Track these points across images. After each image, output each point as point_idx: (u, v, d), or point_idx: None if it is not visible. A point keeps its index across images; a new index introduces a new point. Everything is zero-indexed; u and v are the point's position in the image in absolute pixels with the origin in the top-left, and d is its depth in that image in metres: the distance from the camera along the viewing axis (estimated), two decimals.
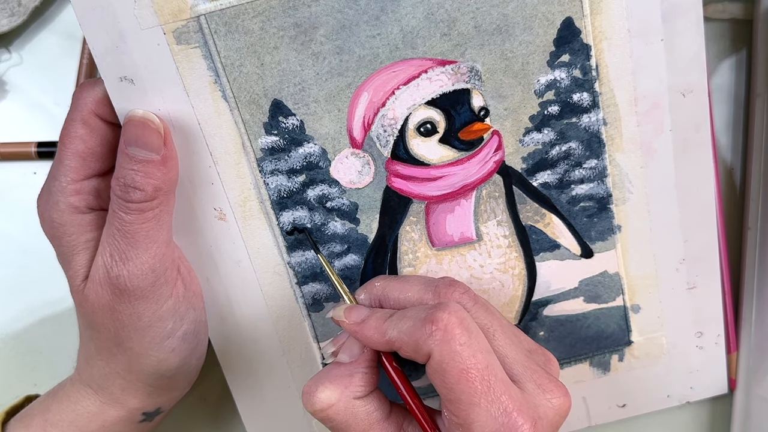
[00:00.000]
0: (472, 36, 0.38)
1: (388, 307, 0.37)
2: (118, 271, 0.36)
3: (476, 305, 0.36)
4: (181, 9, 0.36)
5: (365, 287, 0.39)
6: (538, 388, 0.35)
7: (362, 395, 0.36)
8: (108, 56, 0.36)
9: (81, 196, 0.38)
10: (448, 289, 0.36)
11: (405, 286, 0.37)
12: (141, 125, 0.36)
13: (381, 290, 0.38)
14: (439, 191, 0.41)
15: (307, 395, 0.36)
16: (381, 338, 0.35)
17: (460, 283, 0.37)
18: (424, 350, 0.33)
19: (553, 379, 0.35)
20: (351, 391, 0.35)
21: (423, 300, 0.36)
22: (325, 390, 0.35)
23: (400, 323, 0.35)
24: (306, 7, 0.36)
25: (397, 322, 0.35)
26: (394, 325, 0.35)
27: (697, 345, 0.46)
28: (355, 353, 0.37)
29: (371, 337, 0.36)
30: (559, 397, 0.35)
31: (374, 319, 0.36)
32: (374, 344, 0.36)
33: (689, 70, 0.40)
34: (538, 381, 0.35)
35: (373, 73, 0.38)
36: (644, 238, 0.43)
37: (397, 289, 0.38)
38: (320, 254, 0.40)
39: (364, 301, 0.38)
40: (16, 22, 0.48)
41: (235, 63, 0.37)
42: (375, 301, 0.38)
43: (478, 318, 0.36)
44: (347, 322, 0.37)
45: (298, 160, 0.39)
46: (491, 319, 0.36)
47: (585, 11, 0.38)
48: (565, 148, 0.41)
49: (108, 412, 0.40)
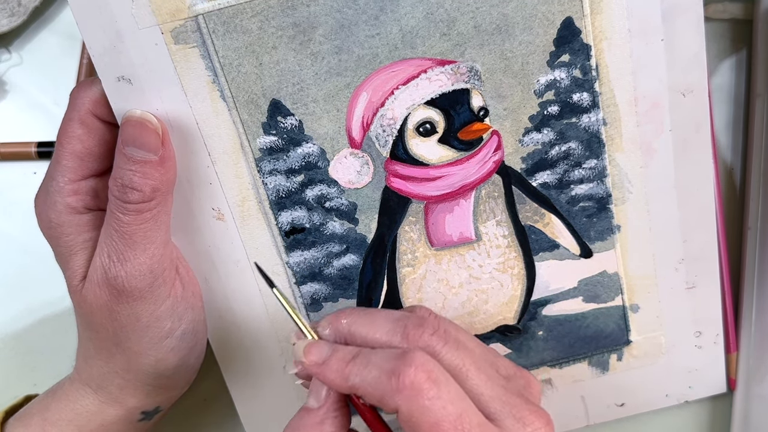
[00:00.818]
0: (472, 36, 0.38)
1: (354, 345, 0.35)
2: (115, 272, 0.36)
3: (446, 345, 0.34)
4: (179, 8, 0.36)
5: (330, 321, 0.36)
6: (518, 423, 0.33)
7: None
8: (105, 56, 0.36)
9: (78, 196, 0.38)
10: (417, 330, 0.34)
11: (373, 326, 0.35)
12: (139, 125, 0.36)
13: (347, 327, 0.35)
14: (438, 191, 0.41)
15: None
16: (344, 383, 0.33)
17: (429, 319, 0.35)
18: (391, 405, 0.32)
19: (533, 409, 0.34)
20: None
21: (391, 342, 0.34)
22: None
23: (365, 371, 0.33)
24: (305, 6, 0.36)
25: (361, 369, 0.33)
26: (357, 372, 0.33)
27: (696, 344, 0.46)
28: (321, 396, 0.35)
29: (333, 381, 0.33)
30: (540, 428, 0.33)
31: (335, 361, 0.34)
32: (337, 388, 0.34)
33: (689, 70, 0.40)
34: (518, 414, 0.33)
35: (372, 73, 0.38)
36: (643, 238, 0.43)
37: (364, 327, 0.35)
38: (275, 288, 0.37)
39: (329, 337, 0.35)
40: (16, 22, 0.48)
41: (233, 63, 0.37)
42: (340, 338, 0.35)
43: (449, 360, 0.34)
44: (306, 362, 0.34)
45: (297, 160, 0.39)
46: (464, 356, 0.34)
47: (585, 11, 0.38)
48: (565, 148, 0.40)
49: (107, 411, 0.40)
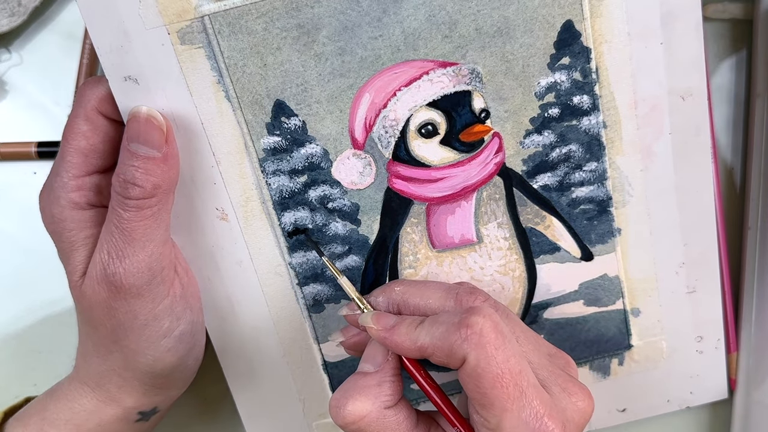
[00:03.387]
0: (473, 38, 0.38)
1: (408, 312, 0.37)
2: (114, 269, 0.36)
3: (498, 312, 0.35)
4: (186, 9, 0.36)
5: (383, 291, 0.38)
6: (564, 392, 0.34)
7: (392, 404, 0.35)
8: (113, 56, 0.36)
9: (82, 192, 0.38)
10: (470, 296, 0.36)
11: (425, 293, 0.37)
12: (144, 122, 0.36)
13: (401, 295, 0.37)
14: (439, 193, 0.41)
15: (336, 408, 0.35)
16: (412, 345, 0.34)
17: (480, 290, 0.36)
18: (459, 354, 0.33)
19: (577, 382, 0.35)
20: (381, 402, 0.35)
21: (445, 307, 0.36)
22: (356, 402, 0.35)
23: (432, 329, 0.34)
24: (309, 8, 0.36)
25: (429, 327, 0.34)
26: (426, 331, 0.34)
27: (697, 349, 0.46)
28: (379, 362, 0.36)
29: (402, 344, 0.35)
30: (584, 399, 0.35)
31: (404, 326, 0.35)
32: (405, 351, 0.35)
33: (689, 73, 0.40)
34: (563, 384, 0.35)
35: (375, 74, 0.38)
36: (644, 242, 0.43)
37: (417, 295, 0.37)
38: (325, 258, 0.39)
39: (382, 305, 0.37)
40: (16, 22, 0.48)
41: (238, 63, 0.37)
42: (393, 306, 0.37)
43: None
44: (376, 328, 0.36)
45: (300, 161, 0.39)
46: (513, 325, 0.36)
47: (585, 14, 0.38)
48: (565, 151, 0.41)
49: (104, 411, 0.40)
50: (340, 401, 0.35)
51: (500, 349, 0.32)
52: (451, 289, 0.37)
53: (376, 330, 0.36)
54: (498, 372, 0.32)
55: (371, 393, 0.35)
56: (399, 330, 0.35)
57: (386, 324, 0.36)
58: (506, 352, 0.33)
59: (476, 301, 0.36)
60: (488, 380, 0.32)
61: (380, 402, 0.35)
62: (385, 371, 0.36)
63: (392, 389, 0.35)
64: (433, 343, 0.34)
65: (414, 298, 0.37)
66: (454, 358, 0.33)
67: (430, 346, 0.34)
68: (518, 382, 0.32)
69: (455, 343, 0.33)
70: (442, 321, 0.34)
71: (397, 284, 0.38)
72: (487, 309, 0.34)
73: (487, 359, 0.32)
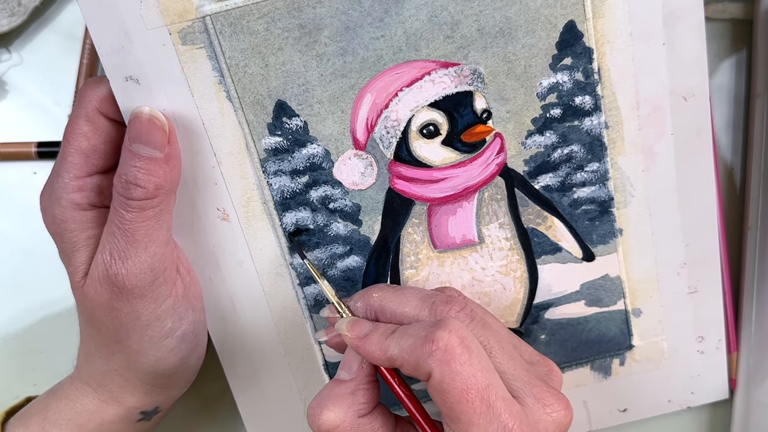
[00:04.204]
0: (475, 38, 0.38)
1: (385, 319, 0.37)
2: (116, 269, 0.36)
3: (473, 322, 0.35)
4: (187, 10, 0.36)
5: (362, 296, 0.37)
6: (538, 403, 0.34)
7: (366, 412, 0.35)
8: (114, 56, 0.36)
9: (83, 192, 0.38)
10: (445, 306, 0.35)
11: (402, 300, 0.36)
12: (147, 122, 0.36)
13: (378, 301, 0.37)
14: (441, 193, 0.41)
15: (312, 417, 0.35)
16: (383, 355, 0.34)
17: (457, 298, 0.36)
18: (425, 369, 0.33)
19: (554, 392, 0.35)
20: (355, 410, 0.35)
21: (420, 316, 0.36)
22: (330, 411, 0.35)
23: (401, 341, 0.34)
24: (310, 8, 0.36)
25: (398, 339, 0.34)
26: (395, 343, 0.34)
27: (698, 350, 0.46)
28: (354, 369, 0.36)
29: (373, 353, 0.35)
30: (560, 410, 0.34)
31: (376, 335, 0.35)
32: (376, 360, 0.35)
33: (691, 73, 0.40)
34: (538, 395, 0.34)
35: (377, 74, 0.38)
36: (645, 242, 0.43)
37: (394, 301, 0.36)
38: (308, 262, 0.39)
39: (360, 310, 0.37)
40: (16, 22, 0.47)
41: (239, 64, 0.37)
42: (371, 312, 0.37)
43: (475, 335, 0.35)
44: (350, 336, 0.36)
45: (302, 161, 0.39)
46: (488, 334, 0.35)
47: (587, 15, 0.38)
48: (567, 151, 0.41)
49: (106, 411, 0.40)
50: (316, 410, 0.35)
51: (465, 365, 0.32)
52: (427, 297, 0.36)
53: (350, 338, 0.36)
54: (463, 387, 0.32)
55: (345, 402, 0.35)
56: (371, 339, 0.35)
57: (360, 332, 0.36)
58: (472, 368, 0.32)
59: (450, 311, 0.35)
60: (454, 395, 0.32)
61: (353, 411, 0.35)
62: (359, 379, 0.36)
63: (366, 397, 0.35)
64: (401, 356, 0.34)
65: (391, 305, 0.36)
66: (421, 372, 0.33)
67: (399, 358, 0.34)
68: (485, 396, 0.32)
69: (421, 357, 0.33)
70: (410, 333, 0.34)
71: (376, 290, 0.37)
72: (454, 323, 0.33)
73: (452, 375, 0.32)
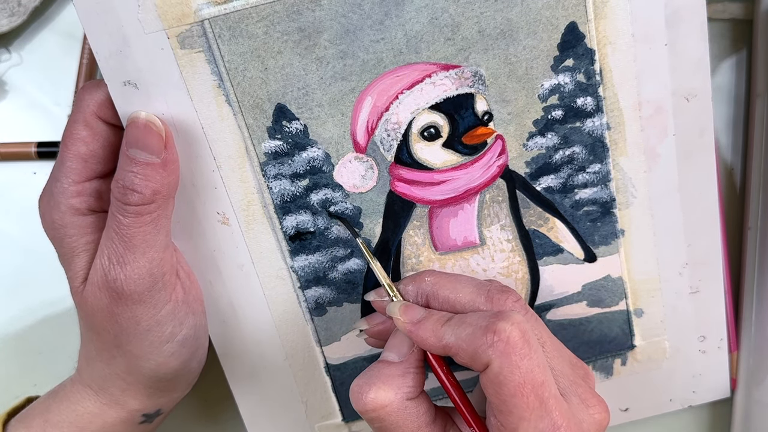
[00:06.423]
0: (476, 40, 0.38)
1: (437, 304, 0.36)
2: (115, 275, 0.36)
3: (527, 314, 0.35)
4: (185, 13, 0.35)
5: (414, 280, 0.37)
6: (582, 403, 0.34)
7: (413, 396, 0.35)
8: (112, 60, 0.36)
9: (82, 197, 0.38)
10: (501, 295, 0.35)
11: (456, 286, 0.36)
12: (143, 128, 0.36)
13: (431, 286, 0.36)
14: (442, 195, 0.40)
15: (358, 395, 0.34)
16: (437, 342, 0.34)
17: (512, 290, 0.36)
18: (483, 359, 0.32)
19: (595, 394, 0.35)
20: (404, 392, 0.35)
21: (475, 303, 0.35)
22: (379, 390, 0.34)
23: (459, 329, 0.34)
24: (310, 11, 0.36)
25: (455, 327, 0.34)
26: (452, 331, 0.34)
27: (700, 349, 0.46)
28: (404, 352, 0.36)
29: (427, 340, 0.35)
30: (601, 412, 0.35)
31: (431, 322, 0.35)
32: (429, 347, 0.35)
33: (693, 74, 0.40)
34: (582, 395, 0.34)
35: (377, 77, 0.38)
36: (647, 243, 0.43)
37: (448, 287, 0.36)
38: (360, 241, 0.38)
39: (411, 294, 0.37)
40: (16, 22, 0.47)
41: (238, 67, 0.37)
42: (422, 297, 0.37)
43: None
44: (402, 320, 0.35)
45: (302, 165, 0.39)
46: (540, 330, 0.35)
47: (589, 16, 0.38)
48: (569, 153, 0.40)
49: (108, 413, 0.40)
50: (363, 387, 0.35)
51: (525, 359, 0.32)
52: (482, 285, 0.36)
53: (403, 322, 0.35)
54: (520, 381, 0.32)
55: (395, 383, 0.35)
56: (425, 325, 0.35)
57: (413, 317, 0.35)
58: (531, 362, 0.32)
59: (507, 302, 0.35)
60: (509, 388, 0.32)
61: (403, 393, 0.35)
62: (409, 362, 0.35)
63: (415, 381, 0.35)
64: (458, 344, 0.33)
65: (444, 291, 0.36)
66: (478, 361, 0.33)
67: (455, 346, 0.34)
68: (539, 393, 0.32)
69: (480, 347, 0.32)
70: (470, 322, 0.34)
71: (428, 274, 0.37)
72: (516, 316, 0.33)
73: (511, 368, 0.32)
